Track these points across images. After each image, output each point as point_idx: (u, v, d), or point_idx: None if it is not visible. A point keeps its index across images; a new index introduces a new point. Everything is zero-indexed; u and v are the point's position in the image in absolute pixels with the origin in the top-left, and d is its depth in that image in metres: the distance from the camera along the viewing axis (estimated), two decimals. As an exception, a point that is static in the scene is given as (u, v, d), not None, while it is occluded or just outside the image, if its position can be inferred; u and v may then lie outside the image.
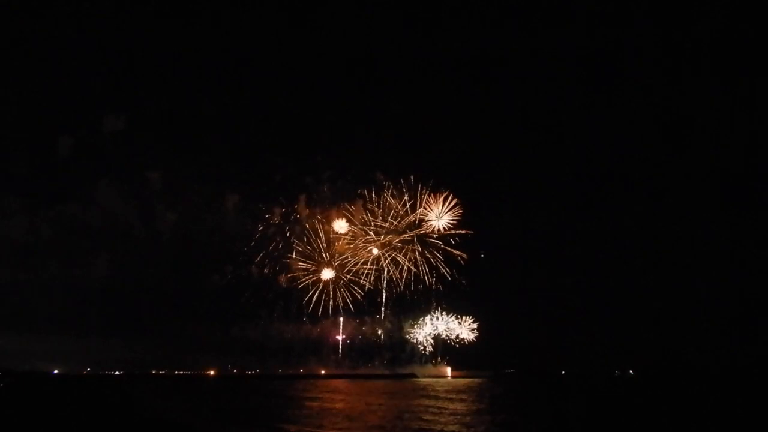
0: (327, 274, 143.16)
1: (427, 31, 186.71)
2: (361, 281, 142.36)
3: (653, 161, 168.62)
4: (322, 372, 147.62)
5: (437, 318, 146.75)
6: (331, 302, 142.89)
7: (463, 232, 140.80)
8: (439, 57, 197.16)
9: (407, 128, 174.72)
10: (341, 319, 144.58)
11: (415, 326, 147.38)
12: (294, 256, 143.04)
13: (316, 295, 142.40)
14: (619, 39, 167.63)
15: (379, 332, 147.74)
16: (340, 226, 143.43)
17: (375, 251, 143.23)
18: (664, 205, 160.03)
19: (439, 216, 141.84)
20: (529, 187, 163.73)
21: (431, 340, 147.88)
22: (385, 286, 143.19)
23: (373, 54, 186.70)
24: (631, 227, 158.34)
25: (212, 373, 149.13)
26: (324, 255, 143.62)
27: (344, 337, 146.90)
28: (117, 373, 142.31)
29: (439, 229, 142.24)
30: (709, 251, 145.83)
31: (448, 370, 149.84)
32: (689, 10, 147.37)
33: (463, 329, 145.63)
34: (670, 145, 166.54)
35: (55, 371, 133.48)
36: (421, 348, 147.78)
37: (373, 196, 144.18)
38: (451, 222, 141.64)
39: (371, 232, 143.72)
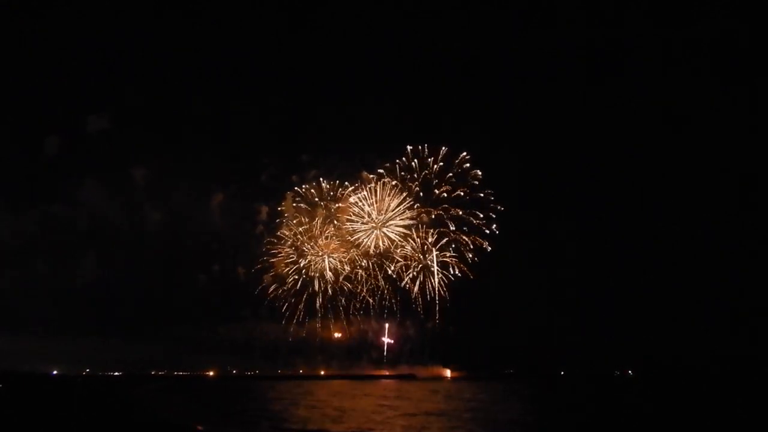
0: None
1: (414, 30, 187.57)
2: (351, 286, 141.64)
3: (654, 161, 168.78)
4: (322, 373, 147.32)
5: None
6: (319, 302, 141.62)
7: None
8: (428, 57, 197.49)
9: (398, 127, 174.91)
10: (331, 317, 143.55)
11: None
12: (280, 255, 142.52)
13: (304, 295, 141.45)
14: (619, 38, 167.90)
15: (369, 333, 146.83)
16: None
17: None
18: (664, 205, 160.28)
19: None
20: (529, 187, 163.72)
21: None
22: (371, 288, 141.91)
23: (361, 54, 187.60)
24: (631, 227, 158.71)
25: (212, 374, 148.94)
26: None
27: (340, 335, 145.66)
28: (116, 373, 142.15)
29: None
30: (709, 251, 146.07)
31: (448, 371, 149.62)
32: (689, 10, 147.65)
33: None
34: (670, 145, 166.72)
35: (54, 372, 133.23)
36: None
37: (362, 194, 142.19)
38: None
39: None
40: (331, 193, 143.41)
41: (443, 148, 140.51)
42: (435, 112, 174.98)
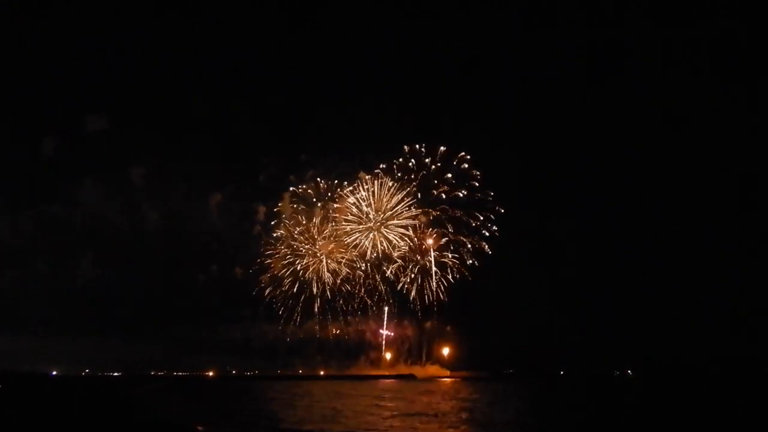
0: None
1: (414, 30, 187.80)
2: (349, 287, 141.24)
3: (654, 161, 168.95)
4: (321, 373, 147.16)
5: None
6: (318, 302, 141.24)
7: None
8: (428, 57, 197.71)
9: (397, 127, 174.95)
10: (329, 318, 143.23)
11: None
12: (277, 255, 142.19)
13: (302, 295, 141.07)
14: (619, 38, 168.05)
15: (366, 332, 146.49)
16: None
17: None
18: (664, 205, 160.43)
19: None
20: (529, 187, 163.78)
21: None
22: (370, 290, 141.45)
23: (361, 54, 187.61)
24: (631, 227, 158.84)
25: (211, 374, 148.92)
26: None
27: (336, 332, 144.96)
28: (116, 374, 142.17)
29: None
30: (709, 251, 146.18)
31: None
32: (689, 10, 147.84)
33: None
34: (670, 145, 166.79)
35: (54, 372, 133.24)
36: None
37: (360, 194, 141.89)
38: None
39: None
40: (329, 193, 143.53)
41: (441, 147, 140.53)
42: (434, 112, 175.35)
